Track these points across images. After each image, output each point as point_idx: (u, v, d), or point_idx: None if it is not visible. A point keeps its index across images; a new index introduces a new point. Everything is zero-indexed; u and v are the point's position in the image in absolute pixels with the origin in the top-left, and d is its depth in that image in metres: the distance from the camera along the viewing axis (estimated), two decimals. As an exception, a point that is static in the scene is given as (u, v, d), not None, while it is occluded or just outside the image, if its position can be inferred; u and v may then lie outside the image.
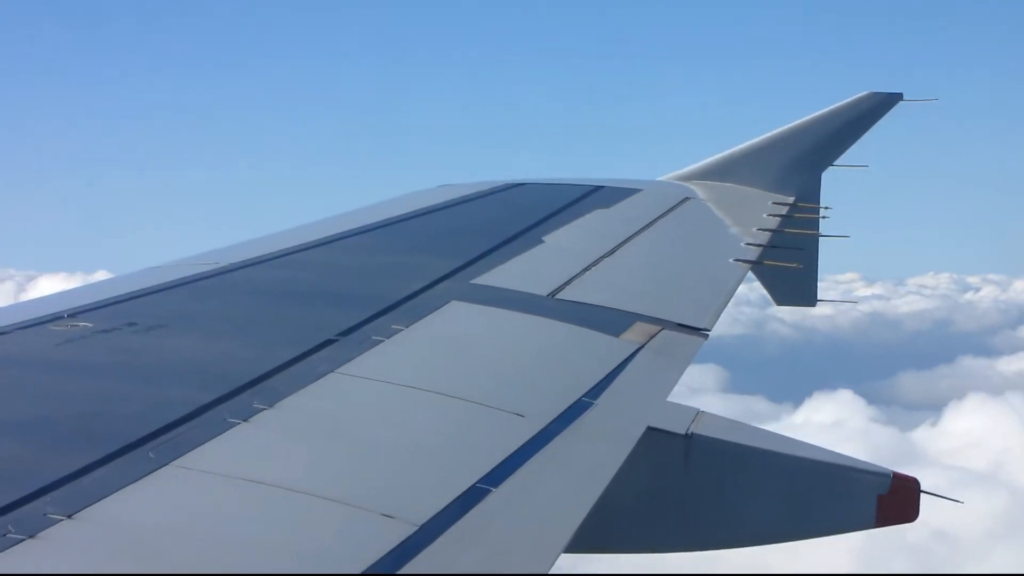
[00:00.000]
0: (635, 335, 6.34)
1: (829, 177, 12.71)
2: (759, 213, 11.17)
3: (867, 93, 12.90)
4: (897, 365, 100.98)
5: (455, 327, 6.11)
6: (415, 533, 3.59)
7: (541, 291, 7.03)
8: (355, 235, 8.37)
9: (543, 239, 8.55)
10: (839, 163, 12.76)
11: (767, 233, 10.27)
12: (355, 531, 3.60)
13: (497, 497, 3.99)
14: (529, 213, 9.54)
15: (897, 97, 12.83)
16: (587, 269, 7.76)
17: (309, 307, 6.35)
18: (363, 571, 3.33)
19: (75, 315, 5.59)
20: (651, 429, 5.10)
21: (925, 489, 5.40)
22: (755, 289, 11.75)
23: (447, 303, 6.34)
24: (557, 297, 7.00)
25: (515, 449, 4.42)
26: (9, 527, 3.25)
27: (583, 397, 5.19)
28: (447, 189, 10.93)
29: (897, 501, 5.35)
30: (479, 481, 4.06)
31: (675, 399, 5.67)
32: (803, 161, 12.60)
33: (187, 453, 3.89)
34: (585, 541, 4.10)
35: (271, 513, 3.66)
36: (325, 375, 4.87)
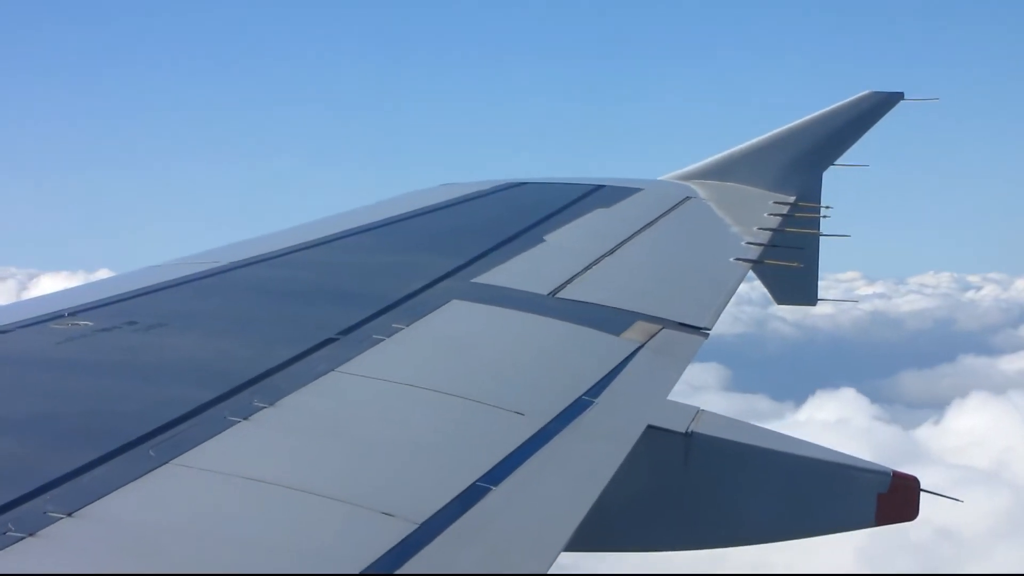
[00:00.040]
0: (635, 334, 6.35)
1: (830, 176, 12.71)
2: (760, 212, 11.17)
3: (868, 92, 12.89)
4: (898, 364, 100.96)
5: (456, 326, 6.11)
6: (415, 532, 3.59)
7: (542, 290, 7.03)
8: (356, 234, 8.36)
9: (544, 238, 8.54)
10: (840, 162, 12.75)
11: (768, 232, 10.26)
12: (355, 529, 3.60)
13: (497, 496, 3.99)
14: (530, 212, 9.54)
15: (898, 96, 12.81)
16: (588, 268, 7.76)
17: (310, 306, 6.35)
18: (363, 570, 3.33)
19: (76, 314, 5.59)
20: (651, 428, 5.10)
21: (925, 488, 5.41)
22: (756, 288, 11.76)
23: (448, 302, 6.34)
24: (558, 296, 7.00)
25: (515, 448, 4.42)
26: (9, 525, 3.24)
27: (583, 396, 5.19)
28: (448, 188, 10.93)
29: (897, 500, 5.36)
30: (479, 480, 4.06)
31: (677, 397, 5.67)
32: (804, 160, 12.59)
33: (187, 451, 3.89)
34: (585, 540, 4.10)
35: (271, 512, 3.66)
36: (325, 374, 4.87)
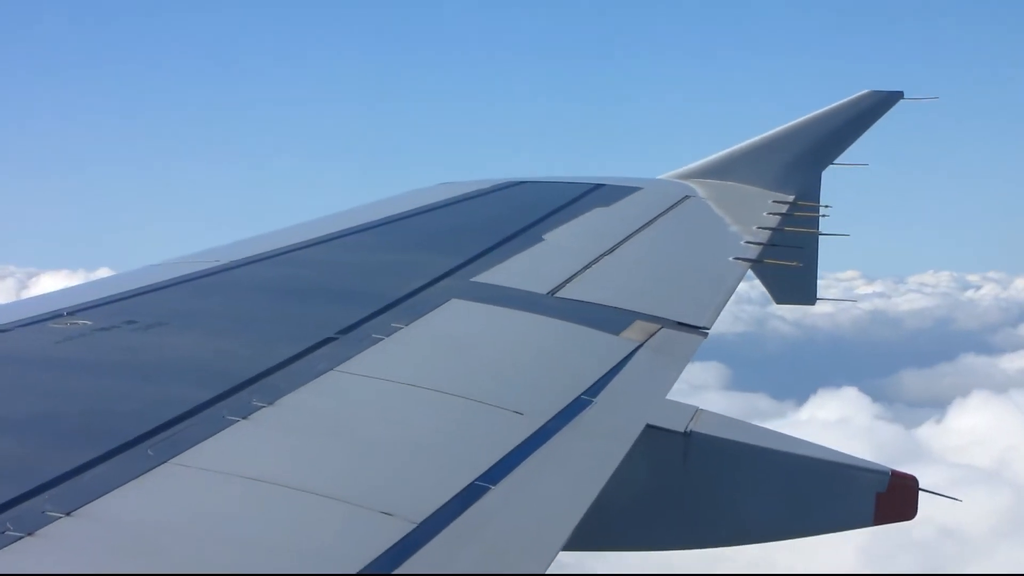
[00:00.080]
0: (634, 333, 6.34)
1: (829, 175, 12.71)
2: (759, 211, 11.17)
3: (868, 91, 12.89)
4: (899, 363, 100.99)
5: (455, 325, 6.11)
6: (413, 531, 3.59)
7: (541, 289, 7.03)
8: (355, 233, 8.36)
9: (543, 237, 8.54)
10: (839, 161, 12.75)
11: (767, 231, 10.26)
12: (353, 529, 3.60)
13: (496, 495, 3.99)
14: (529, 211, 9.53)
15: (898, 95, 12.81)
16: (587, 267, 7.76)
17: (309, 305, 6.35)
18: (361, 569, 3.33)
19: (74, 313, 5.59)
20: (650, 427, 5.10)
21: (923, 487, 5.41)
22: (756, 287, 11.76)
23: (447, 301, 6.34)
24: (557, 295, 7.00)
25: (514, 447, 4.42)
26: (8, 525, 3.24)
27: (582, 395, 5.19)
28: (447, 187, 10.93)
29: (896, 499, 5.36)
30: (478, 479, 4.06)
31: (677, 396, 5.66)
32: (803, 159, 12.59)
33: (186, 451, 3.89)
34: (584, 539, 4.10)
35: (270, 511, 3.66)
36: (325, 373, 4.87)
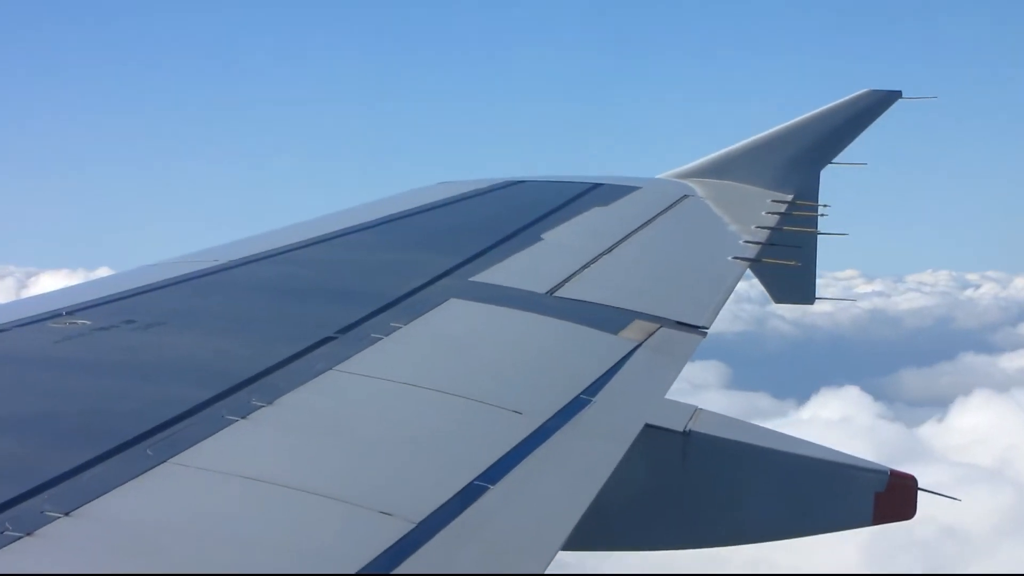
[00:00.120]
0: (633, 333, 6.34)
1: (828, 175, 12.70)
2: (758, 211, 11.17)
3: (866, 91, 12.88)
4: (899, 362, 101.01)
5: (454, 325, 6.11)
6: (412, 531, 3.59)
7: (540, 289, 7.03)
8: (354, 232, 8.36)
9: (542, 237, 8.54)
10: (838, 161, 12.74)
11: (766, 231, 10.26)
12: (352, 528, 3.60)
13: (495, 494, 3.99)
14: (528, 211, 9.53)
15: (896, 95, 12.80)
16: (586, 267, 7.76)
17: (308, 304, 6.34)
18: (360, 569, 3.33)
19: (73, 312, 5.59)
20: (649, 426, 5.10)
21: (922, 486, 5.41)
22: (756, 286, 11.76)
23: (446, 301, 6.34)
24: (556, 295, 6.99)
25: (513, 446, 4.43)
26: (7, 524, 3.24)
27: (581, 394, 5.19)
28: (446, 186, 10.93)
29: (894, 498, 5.36)
30: (477, 478, 4.06)
31: (678, 395, 5.66)
32: (802, 159, 12.58)
33: (185, 450, 3.89)
34: (583, 539, 4.10)
35: (269, 511, 3.66)
36: (323, 372, 4.87)
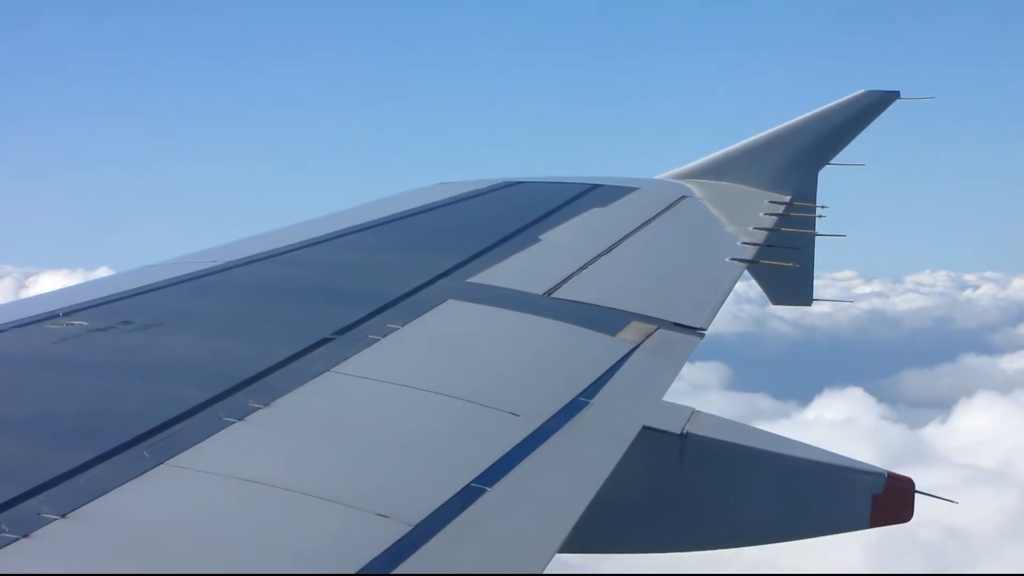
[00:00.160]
0: (631, 334, 6.34)
1: (826, 175, 12.70)
2: (755, 212, 11.16)
3: (864, 91, 12.87)
4: (899, 363, 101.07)
5: (451, 326, 6.11)
6: (410, 533, 3.59)
7: (537, 290, 7.02)
8: (352, 233, 8.36)
9: (540, 238, 8.53)
10: (836, 161, 12.74)
11: (763, 232, 10.26)
12: (350, 530, 3.60)
13: (492, 497, 3.98)
14: (526, 211, 9.52)
15: (894, 95, 12.79)
16: (583, 268, 7.75)
17: (305, 305, 6.34)
18: (357, 571, 3.33)
19: (70, 313, 5.59)
20: (646, 428, 5.09)
21: (920, 489, 5.41)
22: (755, 287, 11.75)
23: (443, 302, 6.34)
24: (553, 296, 6.99)
25: (510, 448, 4.42)
26: (3, 526, 3.24)
27: (579, 396, 5.18)
28: (445, 187, 10.92)
29: (892, 501, 5.36)
30: (474, 480, 4.06)
31: (679, 396, 5.65)
32: (800, 160, 12.58)
33: (182, 452, 3.89)
34: (580, 541, 4.10)
35: (266, 512, 3.66)
36: (321, 374, 4.87)
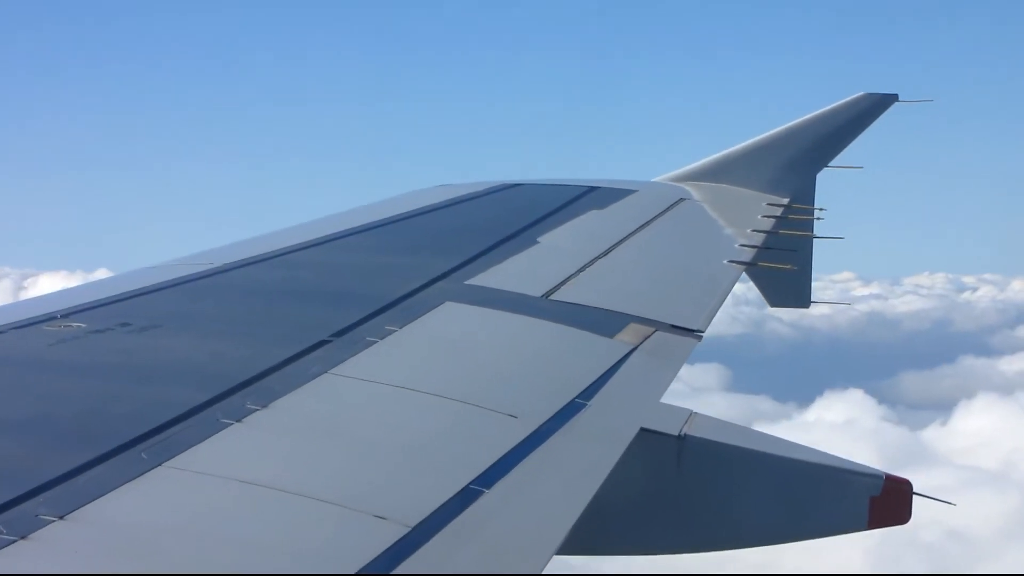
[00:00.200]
0: (629, 336, 6.34)
1: (824, 178, 12.69)
2: (753, 214, 11.17)
3: (862, 94, 12.88)
4: (898, 365, 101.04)
5: (449, 328, 6.11)
6: (408, 534, 3.59)
7: (535, 292, 7.03)
8: (350, 235, 8.36)
9: (538, 240, 8.54)
10: (834, 164, 12.74)
11: (761, 234, 10.26)
12: (348, 532, 3.60)
13: (490, 498, 3.99)
14: (524, 214, 9.53)
15: (893, 98, 12.80)
16: (581, 270, 7.75)
17: (303, 307, 6.34)
18: (356, 572, 3.33)
19: (68, 315, 5.59)
20: (644, 430, 5.09)
21: (918, 491, 5.41)
22: (753, 288, 11.75)
23: (441, 304, 6.34)
24: (551, 298, 6.99)
25: (508, 450, 4.42)
26: (1, 528, 3.25)
27: (576, 398, 5.19)
28: (443, 189, 10.93)
29: (890, 503, 5.36)
30: (472, 482, 4.06)
31: (678, 398, 5.65)
32: (798, 162, 12.58)
33: (180, 454, 3.89)
34: (578, 542, 4.10)
35: (264, 514, 3.66)
36: (318, 376, 4.87)
